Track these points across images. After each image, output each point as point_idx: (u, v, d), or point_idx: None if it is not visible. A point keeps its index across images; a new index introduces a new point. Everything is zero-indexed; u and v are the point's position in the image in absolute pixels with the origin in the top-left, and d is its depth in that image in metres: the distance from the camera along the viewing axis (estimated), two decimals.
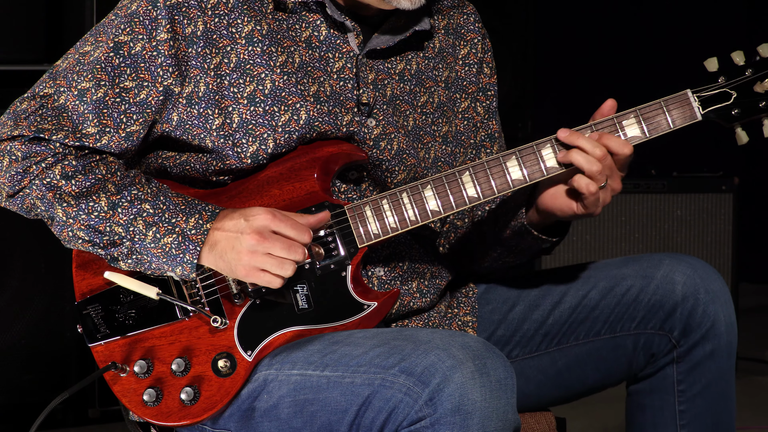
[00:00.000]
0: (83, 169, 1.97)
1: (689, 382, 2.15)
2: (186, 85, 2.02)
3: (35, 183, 1.97)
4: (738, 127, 2.04)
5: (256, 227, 1.91)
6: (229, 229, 1.94)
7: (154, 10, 2.00)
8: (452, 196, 2.03)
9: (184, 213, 1.97)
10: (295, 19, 2.07)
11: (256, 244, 1.91)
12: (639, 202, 4.49)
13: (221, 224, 1.95)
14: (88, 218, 1.96)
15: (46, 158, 1.97)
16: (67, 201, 1.96)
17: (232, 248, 1.93)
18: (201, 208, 1.98)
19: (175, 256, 1.95)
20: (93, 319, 2.05)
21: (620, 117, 2.03)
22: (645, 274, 2.17)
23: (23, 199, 1.99)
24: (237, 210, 1.96)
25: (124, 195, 1.97)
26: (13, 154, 1.98)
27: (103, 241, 1.97)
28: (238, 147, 2.03)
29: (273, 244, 1.91)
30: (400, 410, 1.82)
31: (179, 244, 1.95)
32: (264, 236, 1.91)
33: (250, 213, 1.93)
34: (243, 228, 1.92)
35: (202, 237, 1.95)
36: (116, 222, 1.96)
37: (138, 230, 1.96)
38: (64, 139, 1.97)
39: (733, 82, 2.03)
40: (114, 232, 1.96)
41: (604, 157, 1.99)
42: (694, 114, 2.02)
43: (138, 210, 1.96)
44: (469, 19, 2.27)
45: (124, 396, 2.03)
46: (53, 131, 1.97)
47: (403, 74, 2.16)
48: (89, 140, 1.99)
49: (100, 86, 1.99)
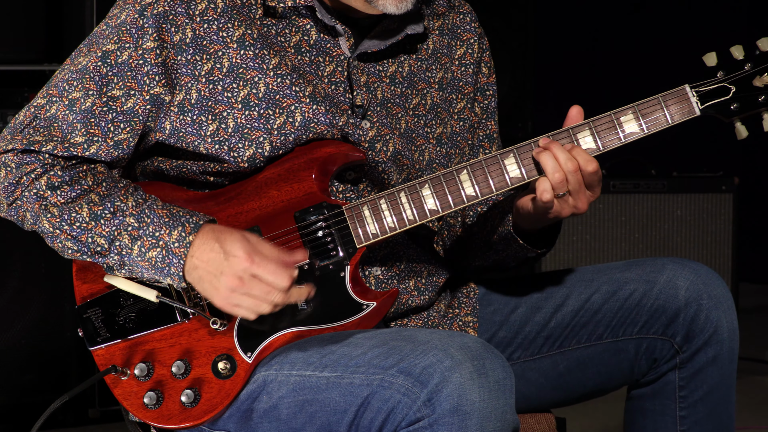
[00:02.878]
0: (70, 180, 1.98)
1: (691, 388, 2.14)
2: (177, 93, 2.02)
3: (25, 194, 1.98)
4: (737, 122, 2.02)
5: (235, 271, 1.90)
6: (209, 262, 1.92)
7: (141, 18, 2.00)
8: (450, 196, 2.03)
9: (167, 226, 1.96)
10: (284, 24, 2.07)
11: (235, 286, 1.90)
12: (639, 202, 4.49)
13: (199, 252, 1.93)
14: (71, 229, 1.96)
15: (35, 169, 1.98)
16: (51, 212, 1.97)
17: (210, 281, 1.92)
18: (185, 219, 1.96)
19: (161, 269, 1.95)
20: (93, 323, 2.05)
21: (618, 113, 2.02)
22: (648, 279, 2.16)
23: (17, 210, 2.00)
24: (219, 236, 1.93)
25: (107, 206, 1.97)
26: (8, 165, 1.99)
27: (90, 251, 1.97)
28: (234, 151, 2.03)
29: (251, 288, 1.90)
30: (398, 410, 1.82)
31: (164, 258, 1.95)
32: (243, 281, 1.90)
33: (230, 250, 1.91)
34: (222, 268, 1.91)
35: (184, 250, 1.94)
36: (98, 233, 1.96)
37: (124, 244, 1.96)
38: (53, 150, 1.98)
39: (732, 77, 2.01)
40: (97, 243, 1.96)
41: (575, 171, 1.99)
42: (692, 109, 2.01)
43: (121, 222, 1.96)
44: (465, 19, 2.27)
45: (125, 399, 2.03)
46: (43, 143, 1.98)
47: (394, 77, 2.15)
48: (77, 150, 1.99)
49: (89, 96, 1.99)
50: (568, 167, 1.98)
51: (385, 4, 2.04)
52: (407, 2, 2.04)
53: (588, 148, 2.02)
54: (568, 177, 1.99)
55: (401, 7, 2.04)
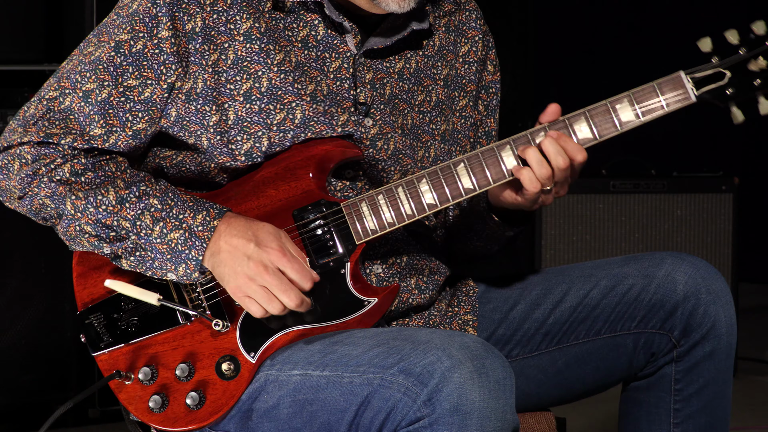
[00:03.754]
0: (93, 167, 1.99)
1: (686, 382, 2.15)
2: (186, 81, 2.02)
3: (44, 181, 1.98)
4: (733, 107, 2.00)
5: (263, 259, 1.92)
6: (237, 247, 1.94)
7: (155, 7, 2.00)
8: (448, 188, 2.02)
9: (191, 209, 1.97)
10: (292, 18, 2.07)
11: (256, 274, 1.92)
12: (639, 202, 4.49)
13: (229, 236, 1.95)
14: (96, 212, 1.97)
15: (55, 159, 1.98)
16: (76, 194, 1.97)
17: (232, 266, 1.93)
18: (209, 205, 1.98)
19: (180, 252, 1.96)
20: (95, 328, 2.05)
21: (613, 101, 2.01)
22: (646, 273, 2.16)
23: (32, 199, 2.00)
24: (252, 225, 1.96)
25: (133, 190, 1.97)
26: (23, 157, 1.99)
27: (110, 236, 1.97)
28: (232, 144, 2.03)
29: (272, 281, 1.92)
30: (398, 410, 1.82)
31: (185, 240, 1.95)
32: (267, 270, 1.92)
33: (264, 240, 1.94)
34: (251, 254, 1.92)
35: (208, 234, 1.95)
36: (124, 216, 1.97)
37: (145, 225, 1.96)
38: (72, 143, 1.98)
39: (727, 62, 1.99)
40: (121, 227, 1.97)
41: (565, 167, 1.99)
42: (688, 95, 1.99)
43: (146, 205, 1.97)
44: (471, 17, 2.27)
45: (130, 404, 2.03)
46: (61, 135, 1.98)
47: (402, 73, 2.16)
48: (97, 142, 2.00)
49: (104, 87, 1.99)
50: (559, 163, 1.98)
51: (389, 3, 2.04)
52: (410, 1, 2.04)
53: (584, 138, 2.01)
54: (555, 173, 1.99)
55: (404, 5, 2.04)
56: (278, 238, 1.95)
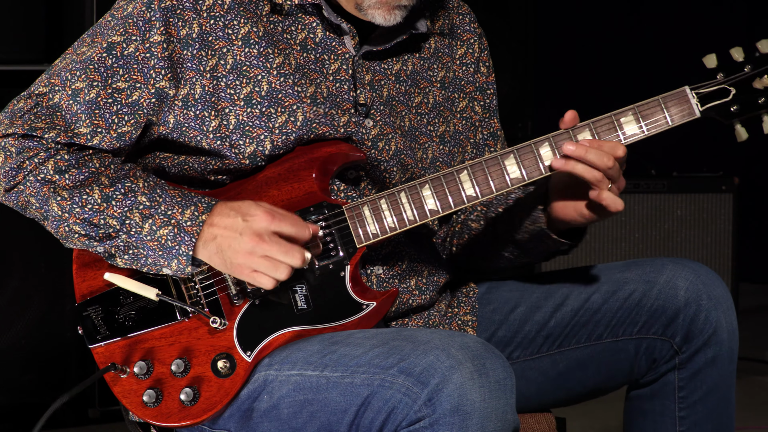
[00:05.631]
0: (76, 163, 1.98)
1: (690, 389, 2.14)
2: (182, 87, 2.02)
3: (29, 179, 1.97)
4: (737, 124, 2.02)
5: (256, 229, 1.91)
6: (227, 227, 1.93)
7: (149, 11, 2.00)
8: (450, 196, 2.03)
9: (179, 205, 1.97)
10: (290, 21, 2.07)
11: (254, 246, 1.91)
12: (639, 202, 4.49)
13: (218, 220, 1.94)
14: (82, 211, 1.97)
15: (38, 153, 1.98)
16: (61, 195, 1.97)
17: (229, 246, 1.93)
18: (197, 200, 1.98)
19: (170, 249, 1.96)
20: (93, 321, 2.06)
21: (618, 114, 2.02)
22: (648, 279, 2.16)
23: (18, 195, 2.00)
24: (234, 205, 1.95)
25: (118, 187, 1.97)
26: (7, 150, 1.99)
27: (99, 234, 1.97)
28: (235, 148, 2.03)
29: (271, 247, 1.91)
30: (399, 410, 1.82)
31: (175, 236, 1.95)
32: (263, 238, 1.91)
33: (248, 212, 1.93)
34: (241, 228, 1.92)
35: (197, 229, 1.95)
36: (110, 215, 1.96)
37: (135, 222, 1.96)
38: (56, 137, 1.98)
39: (731, 79, 2.01)
40: (108, 225, 1.97)
41: (612, 166, 1.99)
42: (692, 111, 2.01)
43: (132, 202, 1.96)
44: (465, 20, 2.28)
45: (124, 397, 2.03)
46: (45, 129, 1.98)
47: (399, 75, 2.16)
48: (81, 140, 2.00)
49: (93, 87, 2.00)
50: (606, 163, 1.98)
51: (375, 15, 2.05)
52: (396, 15, 2.05)
53: None
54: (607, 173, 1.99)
55: (389, 19, 2.05)
56: (260, 204, 1.94)
